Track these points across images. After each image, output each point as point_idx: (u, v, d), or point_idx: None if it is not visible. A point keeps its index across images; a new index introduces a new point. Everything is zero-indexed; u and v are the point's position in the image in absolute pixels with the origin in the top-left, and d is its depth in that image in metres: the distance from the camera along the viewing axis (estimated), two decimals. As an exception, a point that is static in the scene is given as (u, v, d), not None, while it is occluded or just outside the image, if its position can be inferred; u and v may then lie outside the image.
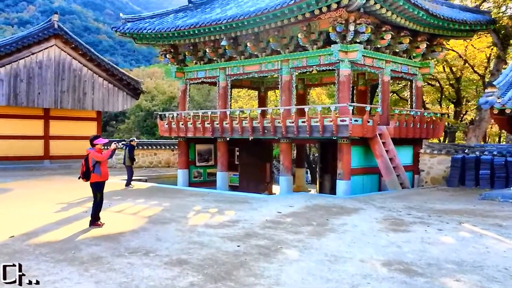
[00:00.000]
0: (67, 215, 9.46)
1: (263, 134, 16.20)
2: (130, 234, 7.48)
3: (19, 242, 6.90)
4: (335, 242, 6.75)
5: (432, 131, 16.73)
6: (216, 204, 11.09)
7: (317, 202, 11.20)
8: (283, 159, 16.29)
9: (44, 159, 22.69)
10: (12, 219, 8.97)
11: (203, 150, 20.48)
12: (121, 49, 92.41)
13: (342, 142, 14.36)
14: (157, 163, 25.40)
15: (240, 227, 8.06)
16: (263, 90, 22.90)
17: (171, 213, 9.58)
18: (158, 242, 6.88)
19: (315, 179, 34.75)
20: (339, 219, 8.81)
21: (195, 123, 18.25)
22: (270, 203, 11.24)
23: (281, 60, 16.08)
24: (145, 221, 8.66)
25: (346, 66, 14.37)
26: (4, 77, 20.38)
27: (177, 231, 7.73)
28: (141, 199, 11.90)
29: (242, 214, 9.55)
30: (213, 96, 47.61)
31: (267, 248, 6.42)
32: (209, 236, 7.25)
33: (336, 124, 13.98)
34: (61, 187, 14.69)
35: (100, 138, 8.67)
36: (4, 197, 12.26)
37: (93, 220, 8.23)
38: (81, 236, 7.34)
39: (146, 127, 43.92)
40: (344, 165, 14.32)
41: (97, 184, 8.33)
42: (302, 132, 15.04)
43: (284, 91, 16.11)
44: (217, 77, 18.27)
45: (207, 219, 9.03)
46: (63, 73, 22.07)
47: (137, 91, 24.92)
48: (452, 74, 26.45)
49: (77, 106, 22.61)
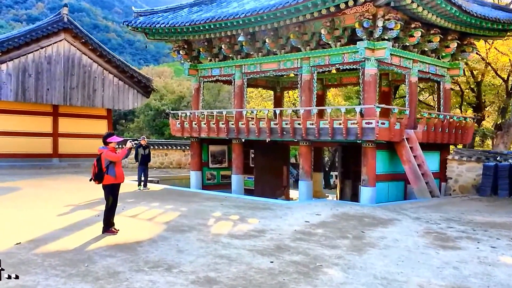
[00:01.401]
0: (78, 219, 8.75)
1: (281, 136, 15.42)
2: (148, 243, 6.73)
3: (26, 251, 6.17)
4: (381, 260, 5.95)
5: (460, 137, 15.85)
6: (236, 210, 10.33)
7: (344, 211, 10.40)
8: (303, 163, 15.48)
9: (52, 157, 22.04)
10: (18, 222, 8.27)
11: (217, 152, 19.72)
12: (130, 48, 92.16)
13: (367, 146, 13.55)
14: (168, 164, 24.72)
15: (268, 238, 7.29)
16: (279, 90, 22.13)
17: (189, 220, 8.83)
18: (180, 254, 6.12)
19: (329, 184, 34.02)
20: (375, 231, 8.01)
21: (209, 123, 17.51)
22: (294, 210, 10.46)
23: (301, 58, 15.30)
24: (162, 229, 7.91)
25: (373, 64, 13.55)
26: (12, 71, 19.74)
27: (199, 241, 6.97)
28: (155, 203, 11.17)
29: (267, 222, 8.77)
30: (223, 96, 47.01)
31: (305, 266, 5.63)
32: (235, 249, 6.49)
33: (361, 127, 13.17)
34: (70, 187, 14.01)
35: (114, 136, 7.86)
36: (11, 197, 11.58)
37: (106, 226, 7.48)
38: (94, 245, 6.60)
39: (155, 127, 43.35)
40: (369, 170, 13.50)
41: (111, 187, 7.57)
42: (324, 134, 14.24)
43: (304, 91, 15.32)
44: (233, 75, 17.52)
45: (230, 227, 8.27)
46: (72, 68, 21.40)
47: (148, 89, 24.21)
48: (473, 78, 25.49)
49: (87, 103, 21.93)
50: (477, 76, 25.27)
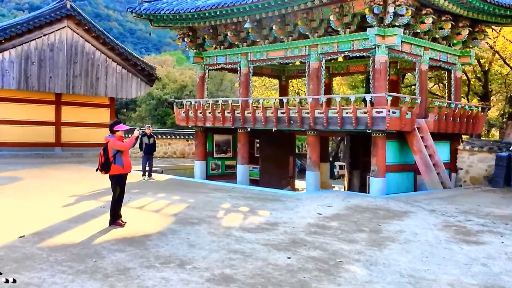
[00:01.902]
0: (83, 210, 8.47)
1: (288, 125, 15.08)
2: (158, 237, 6.45)
3: (30, 244, 5.89)
4: (404, 256, 5.66)
5: (472, 126, 15.50)
6: (245, 201, 10.04)
7: (356, 202, 10.10)
8: (311, 153, 15.16)
9: (55, 146, 21.73)
10: (21, 214, 7.99)
11: (221, 141, 19.39)
12: (131, 37, 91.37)
13: (377, 135, 13.21)
14: (172, 154, 24.43)
15: (281, 231, 7.00)
16: (284, 79, 21.74)
17: (198, 212, 8.54)
18: (192, 249, 5.83)
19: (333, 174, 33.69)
20: (392, 224, 7.72)
21: (214, 112, 17.18)
22: (304, 202, 10.17)
23: (309, 45, 14.90)
24: (171, 221, 7.63)
25: (383, 52, 13.16)
26: (14, 59, 19.36)
27: (210, 235, 6.68)
28: (162, 194, 10.88)
29: (278, 215, 8.49)
30: (225, 85, 46.59)
31: (325, 262, 5.34)
32: (249, 243, 6.20)
33: (371, 116, 12.82)
34: (74, 177, 13.74)
35: (121, 124, 7.52)
36: (13, 187, 11.31)
37: (113, 219, 7.18)
38: (101, 238, 6.32)
39: (157, 116, 42.97)
40: (379, 161, 13.18)
41: (118, 177, 7.26)
42: (333, 124, 13.90)
43: (312, 79, 14.94)
44: (239, 63, 17.13)
45: (240, 220, 7.98)
46: (75, 56, 21.00)
47: (151, 77, 23.80)
48: (480, 67, 25.03)
49: (90, 92, 21.56)
50: (484, 64, 24.81)
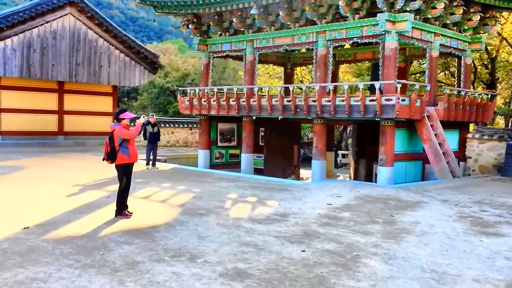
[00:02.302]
0: (87, 200, 8.27)
1: (295, 113, 14.83)
2: (165, 228, 6.24)
3: (35, 236, 5.70)
4: (423, 249, 5.45)
5: (482, 114, 15.20)
6: (252, 191, 9.83)
7: (366, 192, 9.89)
8: (317, 141, 14.91)
9: (58, 135, 21.52)
10: (25, 204, 7.80)
11: (226, 130, 19.16)
12: (133, 25, 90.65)
13: (386, 124, 12.95)
14: (175, 142, 24.22)
15: (292, 223, 6.79)
16: (290, 67, 21.41)
17: (205, 202, 8.33)
18: (202, 241, 5.63)
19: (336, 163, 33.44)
20: (405, 215, 7.50)
21: (219, 100, 16.92)
22: (313, 192, 9.95)
23: (317, 32, 14.58)
24: (178, 212, 7.42)
25: (393, 38, 12.84)
26: (17, 46, 19.06)
27: (219, 226, 6.47)
28: (166, 183, 10.68)
29: (287, 205, 8.28)
30: (228, 73, 46.25)
31: (341, 256, 5.14)
32: (261, 235, 5.99)
33: (380, 104, 12.56)
34: (77, 166, 13.54)
35: (126, 111, 7.27)
36: (15, 176, 11.11)
37: (119, 209, 6.97)
38: (107, 230, 6.12)
39: (159, 105, 42.68)
40: (387, 150, 12.94)
41: (124, 167, 7.03)
42: (340, 112, 13.64)
43: (319, 66, 14.64)
44: (244, 50, 16.82)
45: (249, 210, 7.77)
46: (78, 44, 20.68)
47: (154, 65, 23.47)
48: (487, 54, 24.60)
49: (93, 80, 21.27)
50: (491, 52, 24.39)
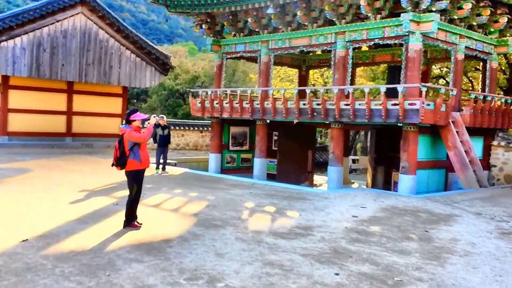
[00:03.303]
0: (94, 207, 7.71)
1: (311, 117, 14.20)
2: (179, 243, 5.64)
3: (34, 251, 5.13)
4: (473, 275, 4.79)
5: (508, 121, 14.46)
6: (269, 200, 9.20)
7: (391, 203, 9.22)
8: (334, 147, 14.26)
9: (66, 136, 21.07)
10: (26, 211, 7.24)
11: (238, 133, 18.57)
12: (144, 27, 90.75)
13: (409, 129, 12.27)
14: (185, 145, 23.67)
15: (318, 238, 6.16)
16: (305, 69, 20.80)
17: (220, 212, 7.73)
18: (221, 259, 5.02)
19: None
20: (441, 230, 6.83)
21: (232, 103, 16.35)
22: (334, 201, 9.30)
23: (336, 33, 13.95)
24: (192, 223, 6.82)
25: (417, 39, 12.18)
26: (26, 45, 18.65)
27: (239, 241, 5.86)
28: (178, 189, 10.09)
29: (309, 216, 7.64)
30: (238, 76, 45.81)
31: (382, 282, 4.49)
32: (286, 252, 5.37)
33: (403, 108, 11.89)
34: (84, 169, 13.02)
35: (137, 112, 6.59)
36: (20, 180, 10.59)
37: (128, 220, 6.37)
38: (115, 243, 5.53)
39: (168, 107, 42.33)
40: (409, 157, 12.25)
41: (135, 173, 6.41)
42: (360, 116, 12.99)
43: (338, 68, 14.00)
44: (259, 51, 16.24)
45: (268, 222, 7.15)
46: (88, 44, 20.24)
47: (165, 66, 22.99)
48: (505, 59, 23.77)
49: (102, 81, 20.81)
50: (509, 57, 23.57)
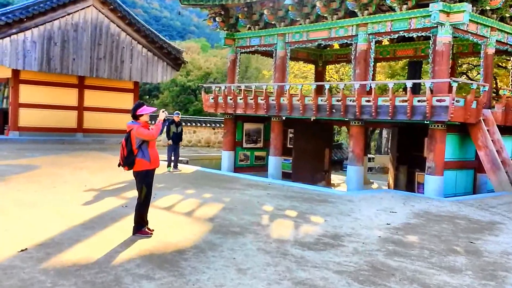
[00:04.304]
0: (101, 210, 7.11)
1: (330, 114, 13.49)
2: (195, 254, 5.00)
3: (32, 264, 4.51)
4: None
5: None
6: (289, 202, 8.53)
7: (422, 207, 8.49)
8: (354, 145, 13.52)
9: (77, 132, 20.61)
10: (28, 214, 6.65)
11: (252, 130, 17.88)
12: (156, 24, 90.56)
13: (436, 127, 11.51)
14: (196, 142, 23.10)
15: (350, 249, 5.47)
16: (321, 64, 20.01)
17: (237, 216, 7.08)
18: (243, 277, 4.35)
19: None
20: (487, 241, 6.10)
21: (246, 98, 15.68)
22: (359, 204, 8.60)
23: (358, 25, 13.20)
24: (208, 229, 6.18)
25: (447, 31, 11.39)
26: (37, 39, 18.17)
27: (261, 252, 5.20)
28: (190, 190, 9.46)
29: (335, 222, 6.95)
30: (250, 73, 45.22)
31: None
32: (316, 268, 4.69)
33: (431, 105, 11.13)
34: (93, 167, 12.47)
35: (144, 106, 5.92)
36: (26, 177, 10.04)
37: (138, 226, 5.74)
38: (123, 255, 4.90)
39: (179, 103, 41.89)
40: (436, 156, 11.50)
41: (144, 174, 5.77)
42: (383, 113, 12.24)
43: (359, 62, 13.26)
44: (274, 45, 15.54)
45: (292, 229, 6.47)
46: (100, 37, 19.71)
47: (178, 61, 22.39)
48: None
49: (114, 76, 20.27)
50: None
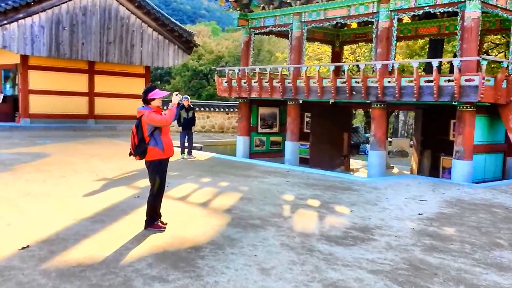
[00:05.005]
0: (111, 201, 6.68)
1: (350, 96, 12.85)
2: (212, 251, 4.53)
3: (33, 264, 4.09)
4: None
5: None
6: (310, 191, 8.01)
7: (453, 195, 7.92)
8: (376, 129, 12.88)
9: (88, 118, 20.29)
10: (33, 206, 6.26)
11: (267, 114, 17.31)
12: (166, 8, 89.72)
13: (465, 109, 10.83)
14: (210, 128, 22.63)
15: (383, 244, 4.95)
16: (338, 45, 19.24)
17: (257, 207, 6.59)
18: (267, 278, 3.88)
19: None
20: (532, 233, 5.53)
21: (261, 82, 15.09)
22: (385, 192, 8.05)
23: (379, 1, 12.43)
24: (225, 221, 5.71)
25: (476, 6, 10.61)
26: (45, 23, 17.75)
27: (285, 248, 4.71)
28: (206, 178, 9.00)
29: (362, 212, 6.43)
30: (263, 56, 44.53)
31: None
32: (348, 267, 4.19)
33: (459, 85, 10.44)
34: (105, 154, 12.09)
35: (156, 89, 5.40)
36: (36, 166, 9.69)
37: (150, 219, 5.29)
38: (134, 252, 4.46)
39: (191, 88, 41.50)
40: (465, 140, 10.84)
41: (157, 164, 5.27)
42: (407, 94, 11.57)
43: (380, 41, 12.53)
44: (290, 25, 14.85)
45: (316, 221, 5.97)
46: (109, 21, 19.21)
47: (189, 44, 21.83)
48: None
49: (124, 60, 19.82)
50: None
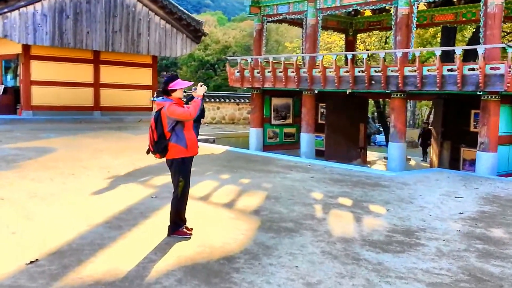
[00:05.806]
0: (127, 202, 6.20)
1: (369, 86, 12.32)
2: (247, 262, 4.06)
3: (43, 283, 3.55)
4: None
5: None
6: (338, 188, 7.52)
7: (487, 190, 7.43)
8: (395, 120, 12.38)
9: (94, 110, 19.82)
10: (41, 211, 5.75)
11: (280, 105, 16.78)
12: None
13: (489, 99, 10.33)
14: (220, 119, 22.13)
15: (433, 250, 4.46)
16: (352, 33, 18.65)
17: (286, 207, 6.11)
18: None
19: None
20: None
21: (275, 71, 14.55)
22: (416, 188, 7.56)
23: (398, -14, 11.89)
24: (255, 225, 5.24)
25: (500, -9, 10.06)
26: (47, 11, 17.22)
27: (327, 257, 4.24)
28: (225, 174, 8.52)
29: (399, 212, 5.95)
30: (271, 45, 43.89)
31: None
32: (403, 280, 3.71)
33: (484, 74, 9.91)
34: (114, 148, 11.62)
35: (178, 79, 4.80)
36: (41, 163, 9.21)
37: (174, 225, 4.79)
38: (159, 266, 3.99)
39: (198, 79, 41.09)
40: (490, 131, 10.35)
41: (180, 163, 4.76)
42: (429, 84, 11.05)
43: (400, 28, 11.98)
44: (305, 12, 14.27)
45: (352, 222, 5.49)
46: (114, 9, 18.66)
47: (197, 33, 21.23)
48: None
49: (131, 50, 19.29)
50: None
